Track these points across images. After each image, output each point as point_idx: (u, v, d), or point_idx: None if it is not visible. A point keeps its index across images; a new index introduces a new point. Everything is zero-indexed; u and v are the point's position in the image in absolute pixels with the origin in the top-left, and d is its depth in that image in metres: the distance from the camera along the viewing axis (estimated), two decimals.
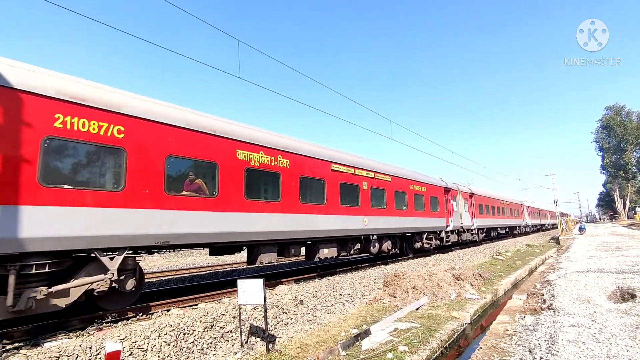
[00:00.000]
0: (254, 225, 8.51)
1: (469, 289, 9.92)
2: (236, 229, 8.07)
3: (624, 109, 69.73)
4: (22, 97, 5.31)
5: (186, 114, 7.53)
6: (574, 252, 18.38)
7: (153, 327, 5.52)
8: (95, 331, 5.82)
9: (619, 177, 72.16)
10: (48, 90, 5.55)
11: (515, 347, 5.36)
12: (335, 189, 11.35)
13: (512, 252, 20.67)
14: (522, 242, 28.36)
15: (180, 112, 7.46)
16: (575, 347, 4.88)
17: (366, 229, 12.64)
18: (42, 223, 5.24)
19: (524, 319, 6.90)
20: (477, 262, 16.05)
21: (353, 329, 6.61)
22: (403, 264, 14.54)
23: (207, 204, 7.53)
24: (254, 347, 5.67)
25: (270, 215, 8.96)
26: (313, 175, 10.57)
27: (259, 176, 9.01)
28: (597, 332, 5.47)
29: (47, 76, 5.70)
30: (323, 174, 10.93)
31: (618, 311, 6.59)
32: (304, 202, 10.03)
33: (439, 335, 6.39)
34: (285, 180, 9.49)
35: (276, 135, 9.84)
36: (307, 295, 8.24)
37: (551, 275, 11.49)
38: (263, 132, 9.40)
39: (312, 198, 10.49)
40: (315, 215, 10.35)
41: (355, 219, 12.06)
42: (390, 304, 8.47)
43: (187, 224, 7.08)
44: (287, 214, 9.41)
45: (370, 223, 12.81)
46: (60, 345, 4.85)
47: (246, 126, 9.07)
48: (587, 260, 14.22)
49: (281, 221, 9.22)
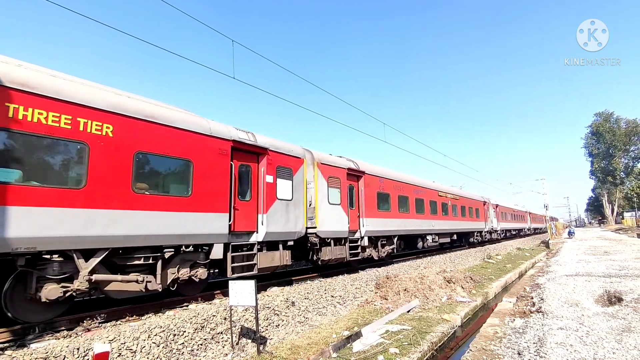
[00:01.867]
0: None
1: (460, 292, 10.00)
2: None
3: (612, 116, 70.98)
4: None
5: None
6: (563, 255, 18.64)
7: (142, 328, 5.46)
8: (83, 332, 5.73)
9: (608, 182, 73.36)
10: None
11: (505, 349, 5.41)
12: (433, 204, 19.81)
13: (503, 256, 20.87)
14: (512, 245, 28.68)
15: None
16: (563, 350, 4.94)
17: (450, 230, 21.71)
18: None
19: (514, 321, 6.97)
20: (468, 265, 16.18)
21: (344, 331, 6.61)
22: (395, 266, 14.59)
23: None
24: (245, 348, 5.64)
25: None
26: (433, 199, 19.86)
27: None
28: (584, 334, 5.55)
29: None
30: (431, 197, 19.73)
31: (605, 314, 6.69)
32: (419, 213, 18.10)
33: (429, 338, 6.43)
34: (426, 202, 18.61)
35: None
36: (299, 297, 8.22)
37: (541, 278, 11.63)
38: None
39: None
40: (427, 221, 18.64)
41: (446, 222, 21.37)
42: (382, 306, 8.49)
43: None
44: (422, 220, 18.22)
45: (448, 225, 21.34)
46: (47, 346, 4.77)
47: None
48: (576, 264, 14.44)
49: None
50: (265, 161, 9.45)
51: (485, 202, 30.18)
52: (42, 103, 5.51)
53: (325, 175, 11.84)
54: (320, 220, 11.15)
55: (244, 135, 9.03)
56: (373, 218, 14.02)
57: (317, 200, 11.26)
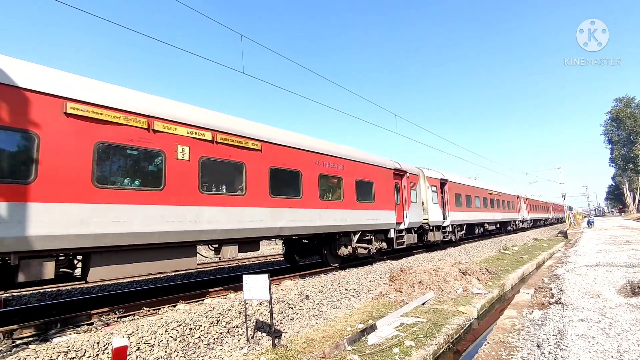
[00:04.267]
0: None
1: (475, 284, 9.85)
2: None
3: (633, 101, 68.37)
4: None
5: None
6: (583, 246, 18.16)
7: (160, 322, 5.56)
8: (102, 326, 5.87)
9: (629, 169, 70.99)
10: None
11: (523, 341, 5.30)
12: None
13: (519, 247, 20.49)
14: (529, 236, 28.11)
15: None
16: (584, 342, 4.80)
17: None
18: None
19: (532, 313, 6.82)
20: (483, 256, 15.94)
21: (359, 324, 6.59)
22: (409, 258, 14.49)
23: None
24: (260, 342, 5.68)
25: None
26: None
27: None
28: (607, 326, 5.38)
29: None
30: (484, 195, 22.02)
31: (629, 305, 6.48)
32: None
33: (445, 330, 6.35)
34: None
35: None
36: (313, 290, 8.23)
37: (559, 269, 11.36)
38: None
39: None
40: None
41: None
42: (396, 299, 8.43)
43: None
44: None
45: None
46: (69, 340, 4.90)
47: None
48: (596, 254, 14.04)
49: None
50: (406, 179, 15.62)
51: (518, 196, 35.25)
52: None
53: (430, 184, 17.82)
54: (429, 215, 17.16)
55: (397, 165, 15.02)
56: (454, 212, 20.10)
57: (427, 201, 17.27)
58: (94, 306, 7.26)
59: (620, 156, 71.04)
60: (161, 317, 5.95)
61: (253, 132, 8.69)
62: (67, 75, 6.03)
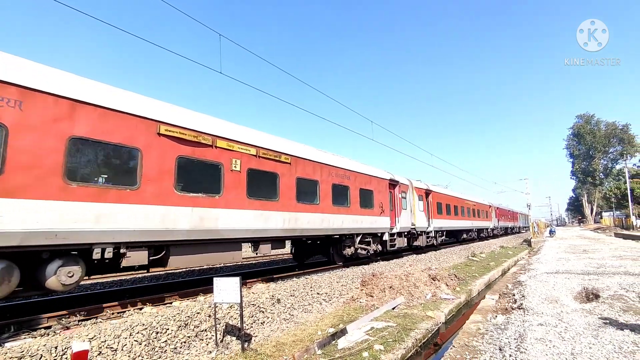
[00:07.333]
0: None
1: (444, 289, 10.14)
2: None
3: (593, 118, 73.05)
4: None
5: None
6: (545, 254, 19.10)
7: (124, 325, 5.35)
8: (62, 330, 5.59)
9: (588, 182, 75.59)
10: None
11: (487, 345, 5.50)
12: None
13: (487, 254, 21.26)
14: (496, 244, 29.24)
15: None
16: (542, 345, 5.06)
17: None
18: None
19: (496, 318, 7.09)
20: (453, 263, 16.41)
21: (330, 328, 6.62)
22: (381, 263, 14.72)
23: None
24: (229, 346, 5.58)
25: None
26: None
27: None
28: (563, 330, 5.70)
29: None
30: (462, 204, 24.10)
31: (583, 311, 6.89)
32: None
33: (414, 335, 6.50)
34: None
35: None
36: (285, 294, 8.19)
37: (522, 276, 11.89)
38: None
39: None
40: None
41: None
42: (367, 304, 8.54)
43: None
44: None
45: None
46: (23, 344, 4.62)
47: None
48: (556, 262, 14.82)
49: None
50: (398, 188, 17.43)
51: (490, 205, 38.81)
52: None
53: (417, 193, 19.78)
54: (416, 221, 19.06)
55: (391, 176, 16.97)
56: (436, 219, 22.26)
57: (415, 209, 19.16)
58: (52, 309, 6.89)
59: (581, 170, 75.51)
60: (126, 321, 5.73)
61: (285, 148, 10.45)
62: (156, 102, 7.41)
